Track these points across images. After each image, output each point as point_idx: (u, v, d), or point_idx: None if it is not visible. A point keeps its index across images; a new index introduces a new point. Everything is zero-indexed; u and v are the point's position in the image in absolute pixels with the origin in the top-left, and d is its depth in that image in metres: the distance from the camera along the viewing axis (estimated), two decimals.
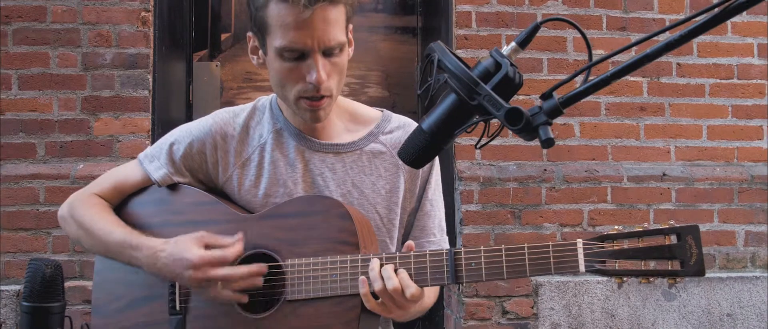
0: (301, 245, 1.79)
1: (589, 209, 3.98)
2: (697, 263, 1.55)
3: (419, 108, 4.81)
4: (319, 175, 1.93)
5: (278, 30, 1.74)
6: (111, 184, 2.05)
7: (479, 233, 3.89)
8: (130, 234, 1.90)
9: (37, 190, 3.69)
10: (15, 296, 3.58)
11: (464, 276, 1.66)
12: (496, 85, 1.39)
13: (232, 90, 4.82)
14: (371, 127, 2.00)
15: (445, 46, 1.47)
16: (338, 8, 1.76)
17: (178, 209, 1.97)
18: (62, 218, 2.06)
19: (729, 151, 4.16)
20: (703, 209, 4.06)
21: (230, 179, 1.97)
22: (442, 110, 1.46)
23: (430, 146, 1.47)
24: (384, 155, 1.97)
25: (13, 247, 3.68)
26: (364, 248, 1.75)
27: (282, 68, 1.79)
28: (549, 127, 1.36)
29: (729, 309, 3.96)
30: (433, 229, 2.01)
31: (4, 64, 3.74)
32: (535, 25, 1.43)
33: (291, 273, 1.78)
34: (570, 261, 1.63)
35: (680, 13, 4.10)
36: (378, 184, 1.95)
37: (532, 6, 4.01)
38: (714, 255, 4.05)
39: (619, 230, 1.62)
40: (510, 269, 1.65)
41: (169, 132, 2.06)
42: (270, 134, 1.96)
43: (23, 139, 3.73)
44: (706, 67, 4.13)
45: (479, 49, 3.97)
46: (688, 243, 1.56)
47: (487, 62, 1.43)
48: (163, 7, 3.97)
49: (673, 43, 1.30)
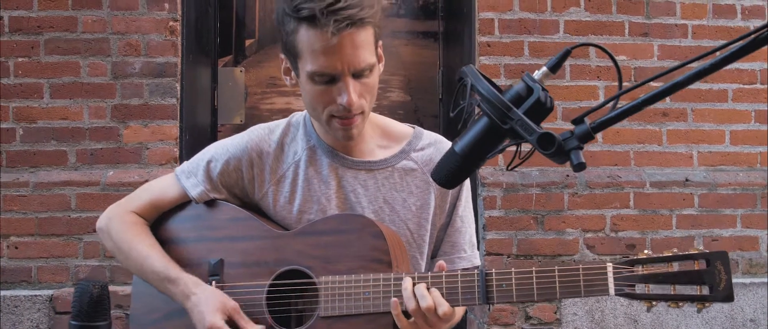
0: (335, 263, 1.83)
1: (612, 215, 4.01)
2: (726, 288, 1.57)
3: (441, 112, 4.85)
4: (352, 191, 1.97)
5: (308, 55, 1.78)
6: (148, 200, 2.09)
7: (502, 239, 3.93)
8: (167, 266, 1.95)
9: (68, 197, 3.77)
10: (48, 301, 3.66)
11: (495, 296, 1.70)
12: (528, 109, 1.42)
13: (256, 95, 4.87)
14: (403, 144, 2.04)
15: (477, 70, 1.50)
16: (366, 30, 1.78)
17: (215, 225, 2.01)
18: (100, 231, 2.10)
19: (752, 156, 4.17)
20: (725, 215, 4.09)
21: (266, 196, 2.01)
22: (474, 133, 1.49)
23: (463, 168, 1.50)
24: (415, 172, 2.00)
25: (46, 253, 3.76)
26: (397, 266, 1.79)
27: (314, 91, 1.83)
28: (580, 151, 1.39)
29: (752, 315, 3.97)
30: (463, 245, 2.05)
31: (37, 74, 3.83)
32: (565, 50, 1.46)
33: (325, 289, 1.82)
34: (600, 285, 1.66)
35: (703, 19, 4.12)
36: (409, 201, 1.99)
37: (555, 12, 4.05)
38: (737, 260, 4.07)
39: (648, 254, 1.65)
40: (540, 291, 1.68)
41: (206, 148, 2.10)
42: (304, 151, 2.01)
43: (55, 146, 3.81)
44: (728, 72, 4.14)
45: (502, 56, 4.02)
46: (718, 269, 1.58)
47: (518, 86, 1.46)
48: (190, 15, 4.04)
49: (704, 71, 1.32)
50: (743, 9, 4.17)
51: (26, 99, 3.82)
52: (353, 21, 1.72)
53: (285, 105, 4.87)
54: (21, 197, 3.76)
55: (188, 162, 2.10)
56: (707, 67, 1.32)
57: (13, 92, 3.82)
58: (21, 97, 3.82)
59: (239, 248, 1.97)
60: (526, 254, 3.95)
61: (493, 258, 3.93)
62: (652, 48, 4.12)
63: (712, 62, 1.31)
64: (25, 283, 3.75)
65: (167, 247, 2.03)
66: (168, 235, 2.06)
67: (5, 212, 3.75)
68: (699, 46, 4.13)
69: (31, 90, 3.82)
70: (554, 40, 4.05)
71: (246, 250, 1.96)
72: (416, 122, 4.94)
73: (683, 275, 1.63)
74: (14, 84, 3.81)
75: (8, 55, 3.82)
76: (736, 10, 4.17)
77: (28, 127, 3.82)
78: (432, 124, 4.90)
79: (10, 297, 3.65)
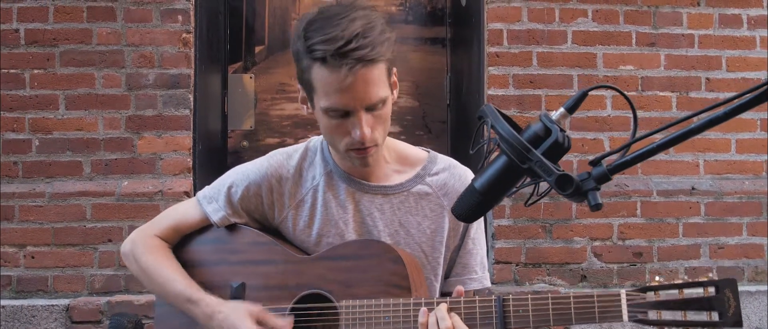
0: (355, 287, 1.89)
1: (619, 224, 4.06)
2: (735, 314, 1.62)
3: (448, 118, 4.90)
4: (369, 215, 2.02)
5: (322, 92, 1.82)
6: (170, 225, 2.13)
7: (511, 247, 3.99)
8: (190, 287, 2.00)
9: (83, 207, 3.83)
10: (64, 310, 3.71)
11: (512, 322, 1.75)
12: (547, 150, 1.47)
13: (265, 101, 4.92)
14: (418, 169, 2.09)
15: (496, 110, 1.54)
16: (378, 67, 1.81)
17: (236, 249, 2.06)
18: (125, 256, 2.16)
19: (758, 164, 4.23)
20: (731, 223, 4.14)
21: (285, 220, 2.07)
22: (493, 172, 1.53)
23: (482, 204, 1.55)
24: (430, 196, 2.06)
25: (62, 262, 3.82)
26: (415, 291, 1.85)
27: (329, 124, 1.87)
28: (598, 192, 1.44)
29: (758, 322, 4.02)
30: (474, 266, 2.10)
31: (52, 86, 3.89)
32: (582, 92, 1.51)
33: (346, 313, 1.87)
34: (614, 312, 1.71)
35: (709, 29, 4.17)
36: (423, 224, 2.04)
37: (563, 23, 4.09)
38: (743, 268, 4.12)
39: (660, 281, 1.70)
40: (556, 317, 1.73)
41: (226, 173, 2.15)
42: (322, 176, 2.06)
43: (70, 157, 3.87)
44: (734, 81, 4.19)
45: (510, 66, 4.07)
46: (727, 296, 1.64)
47: (536, 126, 1.50)
48: (202, 26, 4.09)
49: (716, 119, 1.37)
50: (749, 19, 4.21)
51: (42, 110, 3.87)
52: (364, 61, 1.76)
53: (294, 111, 4.92)
54: (37, 207, 3.82)
55: (209, 187, 2.15)
56: (720, 115, 1.36)
57: (29, 104, 3.87)
58: (37, 108, 3.87)
59: (260, 271, 2.01)
60: (535, 262, 4.01)
61: (501, 266, 3.98)
62: (659, 58, 4.16)
63: (725, 111, 1.36)
64: (41, 292, 3.81)
65: (189, 270, 2.08)
66: (190, 257, 2.10)
67: (22, 222, 3.81)
68: (705, 55, 4.18)
69: (47, 102, 3.88)
70: (562, 50, 4.10)
71: (267, 274, 2.01)
72: (424, 127, 5.00)
73: (694, 302, 1.67)
74: (30, 95, 3.87)
75: (24, 67, 3.88)
76: (742, 20, 4.21)
77: (44, 138, 3.87)
78: (440, 129, 4.95)
79: (28, 306, 3.71)
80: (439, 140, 4.94)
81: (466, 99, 4.59)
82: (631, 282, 4.04)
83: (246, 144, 4.86)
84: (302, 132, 4.83)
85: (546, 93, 4.10)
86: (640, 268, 4.08)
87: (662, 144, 1.43)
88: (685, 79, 4.18)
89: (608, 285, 4.04)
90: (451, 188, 2.06)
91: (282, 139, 4.91)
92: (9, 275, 3.80)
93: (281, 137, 4.92)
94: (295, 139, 4.91)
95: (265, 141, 4.89)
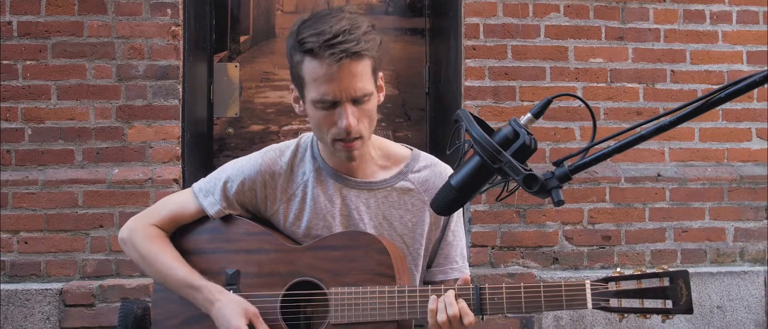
0: (344, 276, 2.05)
1: (589, 209, 4.21)
2: (686, 302, 1.81)
3: (427, 106, 5.02)
4: (355, 209, 2.18)
5: (311, 83, 1.99)
6: (168, 216, 2.26)
7: (487, 232, 4.13)
8: (191, 275, 2.14)
9: (75, 194, 3.92)
10: (58, 294, 3.80)
11: (488, 308, 1.93)
12: (515, 152, 1.64)
13: (250, 89, 5.01)
14: (401, 166, 2.23)
15: (470, 114, 1.70)
16: (363, 62, 1.99)
17: (231, 238, 2.21)
18: (123, 242, 2.28)
19: (720, 152, 4.38)
20: (695, 208, 4.29)
21: (277, 213, 2.22)
22: (467, 171, 1.69)
23: (457, 200, 1.71)
24: (412, 192, 2.21)
25: (54, 247, 3.92)
26: (399, 280, 2.02)
27: (317, 116, 2.04)
28: (560, 190, 1.62)
29: (719, 302, 4.16)
30: (455, 257, 2.27)
31: (45, 76, 3.98)
32: (547, 99, 1.67)
33: (335, 299, 2.04)
34: (579, 299, 1.89)
35: (674, 24, 4.32)
36: (405, 218, 2.20)
37: (536, 18, 4.22)
38: (705, 250, 4.28)
39: (620, 272, 1.88)
40: (528, 304, 1.91)
41: (221, 168, 2.27)
42: (312, 172, 2.21)
43: (62, 146, 3.96)
44: (698, 73, 4.35)
45: (486, 59, 4.19)
46: (680, 286, 1.82)
47: (506, 130, 1.67)
48: (190, 18, 4.18)
49: (664, 126, 1.53)
50: (712, 14, 4.36)
51: (34, 100, 3.96)
52: (349, 53, 1.94)
53: (278, 99, 5.02)
54: (30, 194, 3.91)
55: (204, 181, 2.28)
56: (666, 124, 1.52)
57: (22, 94, 3.95)
58: (29, 98, 3.96)
59: (254, 260, 2.16)
60: (510, 246, 4.14)
61: (478, 250, 4.12)
62: (627, 51, 4.31)
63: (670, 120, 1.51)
64: (34, 277, 3.90)
65: (187, 257, 2.21)
66: (187, 246, 2.24)
67: (15, 209, 3.89)
68: (671, 49, 4.33)
69: (39, 92, 3.96)
70: (536, 43, 4.23)
71: (260, 262, 2.15)
72: (403, 114, 5.14)
73: (650, 291, 1.86)
74: (23, 86, 3.95)
75: (17, 58, 3.95)
76: (705, 16, 4.36)
77: (37, 127, 3.96)
78: (419, 117, 5.07)
79: (22, 290, 3.78)
80: (418, 127, 5.06)
81: (444, 88, 4.69)
82: (601, 264, 4.19)
83: (231, 131, 4.96)
84: (286, 119, 4.93)
85: (520, 84, 4.22)
86: (609, 251, 4.21)
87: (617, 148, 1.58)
88: (652, 72, 4.32)
89: (579, 267, 4.17)
90: (432, 185, 2.21)
91: (266, 126, 5.02)
92: (3, 260, 3.87)
93: (265, 124, 5.02)
94: (279, 126, 5.02)
95: (250, 128, 5.00)
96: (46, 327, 3.81)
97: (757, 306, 4.21)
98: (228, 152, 4.92)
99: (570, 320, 4.06)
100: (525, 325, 4.00)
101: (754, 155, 4.43)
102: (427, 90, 5.02)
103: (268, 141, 4.87)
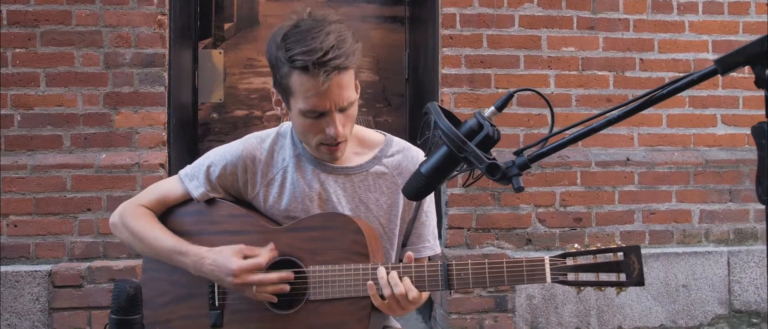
0: (321, 255, 2.16)
1: (561, 192, 4.35)
2: (638, 275, 1.95)
3: (406, 91, 5.16)
4: (333, 193, 2.30)
5: (300, 96, 2.08)
6: (156, 197, 2.37)
7: (463, 214, 4.26)
8: (179, 242, 2.25)
9: (64, 178, 4.02)
10: (47, 275, 3.90)
11: (455, 283, 2.08)
12: (480, 142, 1.78)
13: (234, 75, 5.12)
14: (375, 151, 2.35)
15: (439, 107, 1.83)
16: (349, 73, 2.09)
17: (215, 220, 2.31)
18: (114, 226, 2.38)
19: (686, 137, 4.52)
20: (662, 191, 4.43)
21: (257, 196, 2.34)
22: (436, 159, 1.82)
23: (427, 186, 1.84)
24: (386, 175, 2.33)
25: (43, 230, 4.01)
26: (373, 258, 2.15)
27: (304, 123, 2.14)
28: (520, 177, 1.75)
29: (684, 281, 4.32)
30: (427, 236, 2.40)
31: (33, 64, 4.06)
32: (509, 94, 1.81)
33: (313, 277, 2.16)
34: (539, 274, 2.02)
35: (643, 14, 4.45)
36: (381, 200, 2.32)
37: (510, 8, 4.34)
38: (672, 231, 4.43)
39: (577, 248, 2.02)
40: (492, 278, 2.05)
41: (206, 154, 2.38)
42: (291, 158, 2.32)
43: (51, 131, 4.05)
44: (665, 61, 4.49)
45: (463, 48, 4.30)
46: (632, 260, 1.96)
47: (471, 122, 1.80)
48: (175, 6, 4.27)
49: (614, 119, 1.67)
50: (679, 5, 4.50)
51: (24, 87, 4.04)
52: (339, 68, 2.03)
53: (261, 85, 5.14)
54: (19, 178, 3.99)
55: (190, 166, 2.38)
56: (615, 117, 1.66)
57: (12, 81, 4.03)
58: (19, 85, 4.04)
59: (237, 240, 2.23)
60: (485, 227, 4.27)
61: (454, 231, 4.26)
62: (597, 40, 4.43)
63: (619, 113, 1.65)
64: (24, 259, 3.99)
65: None
66: (174, 228, 2.33)
67: (5, 193, 3.98)
68: (639, 38, 4.46)
69: (28, 79, 4.04)
70: (510, 33, 4.35)
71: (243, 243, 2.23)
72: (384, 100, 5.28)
73: (605, 265, 1.99)
74: (12, 73, 4.03)
75: (6, 46, 4.02)
76: (672, 6, 4.50)
77: (26, 113, 4.04)
78: (398, 102, 5.21)
79: (12, 272, 3.88)
80: (398, 112, 5.20)
81: (423, 74, 4.80)
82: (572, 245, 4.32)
83: (216, 116, 5.07)
84: (269, 105, 5.03)
85: (495, 72, 4.34)
86: (580, 232, 4.36)
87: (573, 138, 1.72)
88: (622, 60, 4.45)
89: (551, 248, 4.31)
90: (405, 168, 2.32)
91: (250, 111, 5.13)
92: None
93: (249, 109, 5.14)
94: (262, 111, 5.14)
95: (234, 113, 5.11)
96: (35, 307, 3.90)
97: (720, 284, 4.36)
98: (212, 136, 5.04)
99: (542, 299, 4.21)
100: (499, 304, 4.15)
101: (719, 140, 4.57)
102: (406, 76, 5.15)
103: (251, 126, 4.99)
